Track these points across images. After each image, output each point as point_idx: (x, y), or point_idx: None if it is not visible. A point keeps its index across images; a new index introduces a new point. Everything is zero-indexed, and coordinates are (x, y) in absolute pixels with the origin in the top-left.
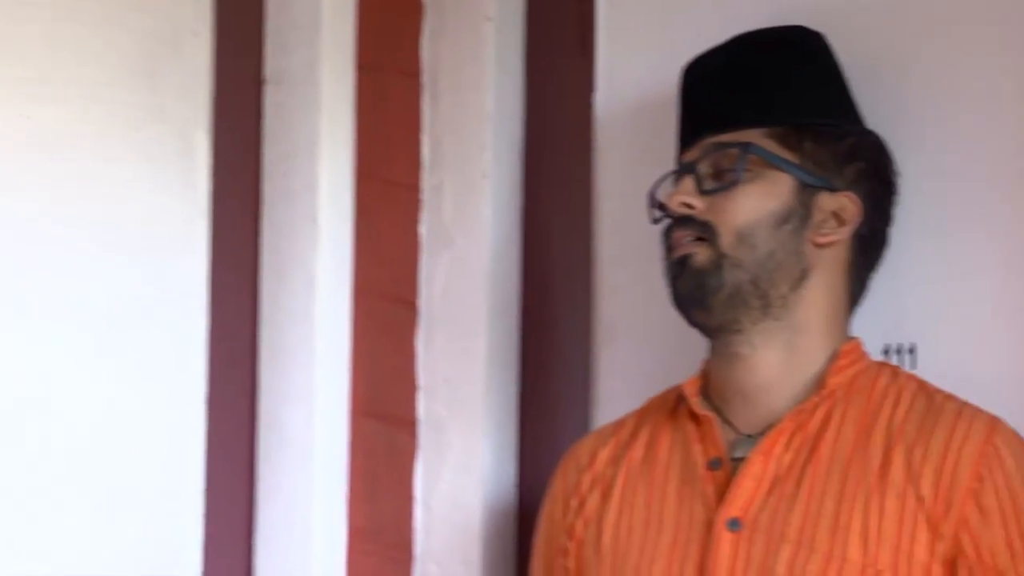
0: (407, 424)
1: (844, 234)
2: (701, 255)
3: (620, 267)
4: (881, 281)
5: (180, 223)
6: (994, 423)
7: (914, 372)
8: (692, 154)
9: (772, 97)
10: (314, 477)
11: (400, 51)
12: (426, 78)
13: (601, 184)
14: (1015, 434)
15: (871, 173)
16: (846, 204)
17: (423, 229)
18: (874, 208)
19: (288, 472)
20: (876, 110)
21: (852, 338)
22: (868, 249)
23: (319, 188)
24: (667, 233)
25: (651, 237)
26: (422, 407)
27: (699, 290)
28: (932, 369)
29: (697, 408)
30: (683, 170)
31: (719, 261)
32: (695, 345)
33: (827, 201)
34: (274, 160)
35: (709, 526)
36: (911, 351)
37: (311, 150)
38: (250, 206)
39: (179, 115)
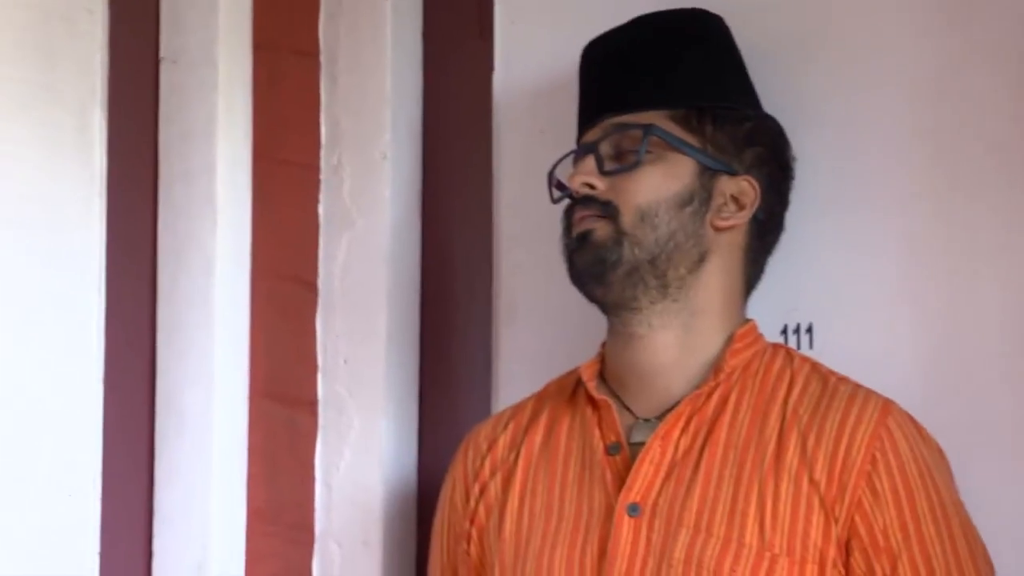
0: (307, 405)
1: (743, 218)
2: (601, 231)
3: (520, 248)
4: (779, 261)
5: (76, 203)
6: (887, 406)
7: (811, 352)
8: (593, 134)
9: (674, 79)
10: (213, 458)
11: (297, 31)
12: (324, 58)
13: (501, 165)
14: (908, 416)
15: (769, 157)
16: (745, 188)
17: (322, 209)
18: (772, 192)
19: (187, 453)
20: (774, 93)
21: (748, 320)
22: (765, 233)
23: (217, 168)
24: (568, 212)
25: (551, 218)
26: (322, 388)
27: (598, 265)
28: (829, 349)
29: (594, 392)
30: (584, 150)
31: (619, 238)
32: (595, 326)
33: (727, 185)
34: (171, 140)
35: (609, 512)
36: (808, 331)
37: (208, 130)
38: (147, 186)
39: (75, 94)
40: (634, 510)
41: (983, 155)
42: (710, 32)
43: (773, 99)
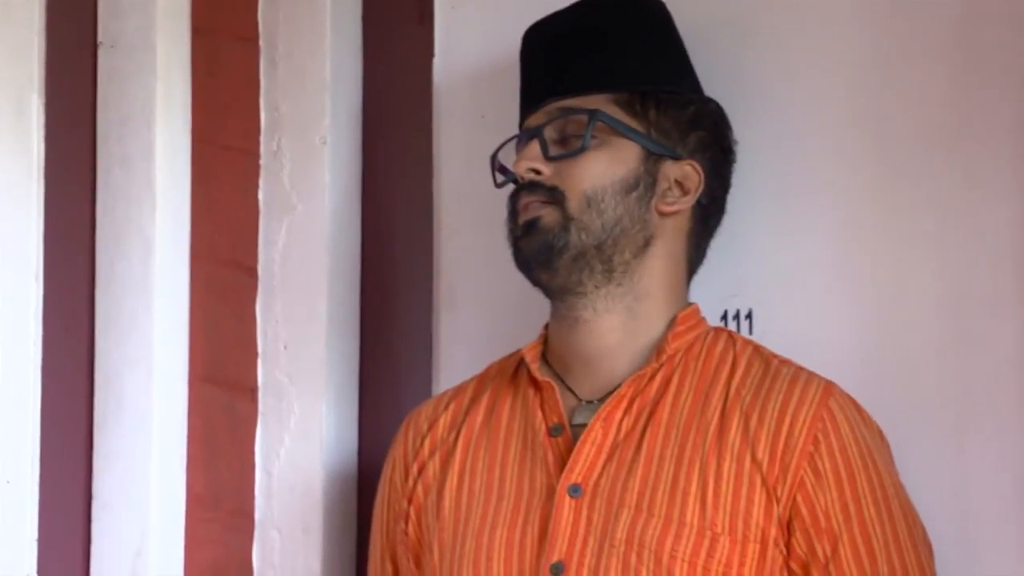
0: (247, 390)
1: (688, 203)
2: (548, 217)
3: (460, 233)
4: (719, 248)
5: (13, 188)
6: (829, 387)
7: (751, 337)
8: (537, 119)
9: (617, 63)
10: (152, 444)
11: (236, 15)
12: (263, 43)
13: (441, 149)
14: (850, 398)
15: (712, 141)
16: (689, 173)
17: (262, 194)
18: (715, 176)
19: (126, 439)
20: (715, 77)
21: (690, 304)
22: (708, 217)
23: (155, 153)
24: (513, 198)
25: (492, 203)
26: (262, 373)
27: (545, 251)
28: (768, 335)
29: (537, 374)
30: (528, 135)
31: (566, 224)
32: (536, 311)
33: (671, 169)
34: (109, 125)
35: (551, 493)
36: (748, 317)
37: (147, 114)
38: (85, 171)
39: (11, 79)
40: (575, 491)
41: (922, 143)
42: (652, 16)
43: (714, 84)
